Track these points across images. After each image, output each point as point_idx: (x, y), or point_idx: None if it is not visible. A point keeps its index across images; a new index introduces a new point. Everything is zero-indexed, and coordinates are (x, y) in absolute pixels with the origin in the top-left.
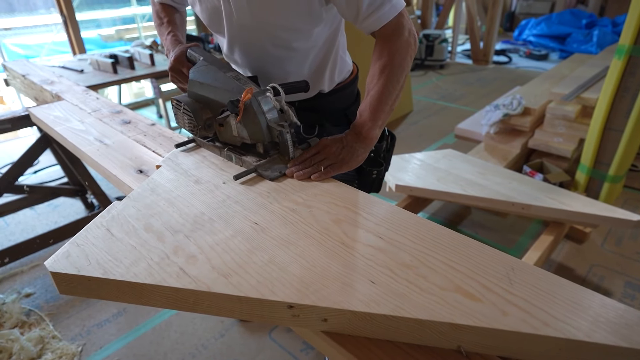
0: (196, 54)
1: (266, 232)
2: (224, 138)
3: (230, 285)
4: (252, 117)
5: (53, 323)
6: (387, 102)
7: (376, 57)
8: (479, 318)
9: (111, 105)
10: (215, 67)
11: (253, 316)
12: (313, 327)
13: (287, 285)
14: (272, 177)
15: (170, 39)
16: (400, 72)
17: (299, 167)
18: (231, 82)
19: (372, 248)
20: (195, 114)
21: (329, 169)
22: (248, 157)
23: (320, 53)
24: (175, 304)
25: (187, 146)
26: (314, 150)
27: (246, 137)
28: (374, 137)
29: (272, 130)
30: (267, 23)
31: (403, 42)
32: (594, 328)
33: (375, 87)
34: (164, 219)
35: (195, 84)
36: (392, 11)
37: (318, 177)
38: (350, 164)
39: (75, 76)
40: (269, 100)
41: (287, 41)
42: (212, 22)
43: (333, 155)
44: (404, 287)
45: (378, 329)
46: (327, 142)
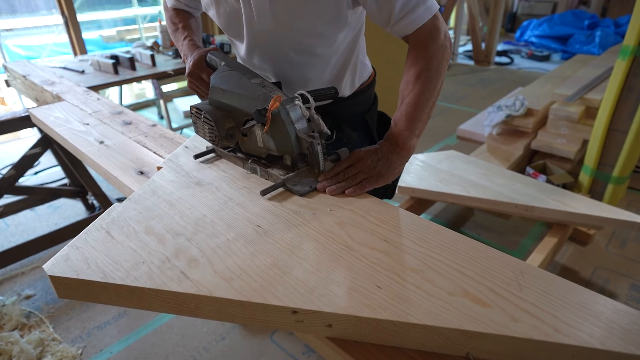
0: (217, 59)
1: (269, 235)
2: (247, 149)
3: (232, 290)
4: (280, 128)
5: (53, 325)
6: (424, 109)
7: (411, 62)
8: (489, 324)
9: (112, 106)
10: (238, 72)
11: (256, 321)
12: (317, 332)
13: (291, 290)
14: (302, 192)
15: (187, 43)
16: (437, 78)
17: (331, 181)
18: (257, 89)
19: (377, 251)
20: (217, 123)
21: (364, 183)
22: (274, 170)
23: (341, 58)
24: (176, 308)
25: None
26: (346, 162)
27: (273, 149)
28: (411, 147)
29: (301, 141)
30: (290, 28)
31: (439, 45)
32: (607, 335)
33: (410, 94)
34: (164, 221)
35: (217, 91)
36: (427, 13)
37: (353, 192)
38: (387, 177)
39: (76, 77)
40: (297, 109)
41: (310, 47)
42: (229, 27)
43: (368, 168)
44: (411, 292)
45: (384, 335)
46: (361, 154)
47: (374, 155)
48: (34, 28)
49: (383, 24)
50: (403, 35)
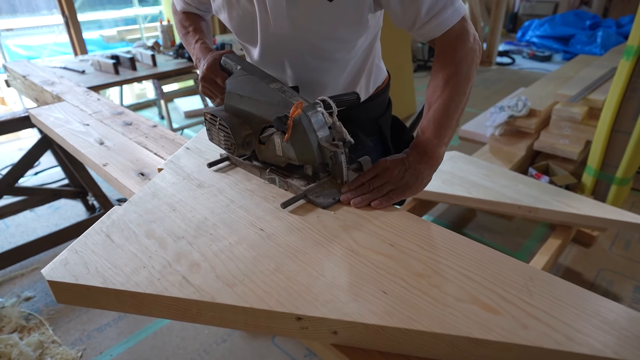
0: (232, 62)
1: (272, 239)
2: (265, 157)
3: (235, 296)
4: (302, 136)
5: (53, 327)
6: (453, 116)
7: (439, 66)
8: (499, 332)
9: (112, 107)
10: (256, 77)
11: (259, 328)
12: (322, 339)
13: (295, 296)
14: (325, 204)
15: (200, 46)
16: (467, 83)
17: (355, 192)
18: (276, 94)
19: (382, 256)
20: (233, 131)
21: (391, 195)
22: (294, 180)
23: (358, 62)
24: (178, 314)
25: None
26: (371, 173)
27: (293, 158)
28: (440, 156)
29: (324, 150)
30: (308, 32)
31: (468, 49)
32: (621, 344)
33: (439, 100)
34: (166, 224)
35: (233, 96)
36: (455, 16)
37: (379, 204)
38: (415, 188)
39: (76, 77)
40: (319, 116)
41: (328, 52)
42: (242, 31)
43: (395, 179)
44: (418, 298)
45: (390, 343)
46: (387, 163)
47: (400, 165)
48: (34, 28)
49: (408, 26)
50: (429, 39)
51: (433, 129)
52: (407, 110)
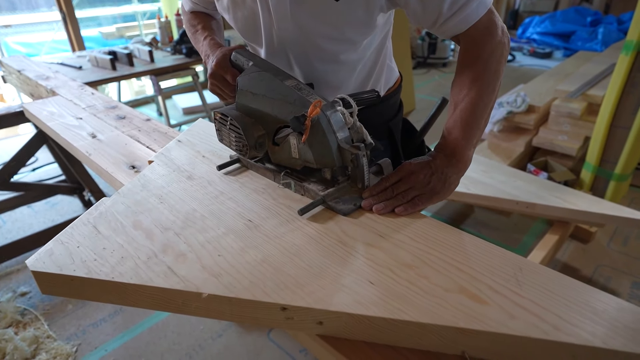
0: (244, 58)
1: (260, 230)
2: (279, 159)
3: (220, 286)
4: (320, 137)
5: (48, 322)
6: (482, 115)
7: (465, 63)
8: (486, 322)
9: (106, 101)
10: (269, 74)
11: (245, 318)
12: (308, 330)
13: (281, 286)
14: (346, 211)
15: (208, 42)
16: (496, 80)
17: (377, 198)
18: (292, 92)
19: (372, 247)
20: (245, 131)
21: (417, 201)
22: (311, 185)
23: (367, 63)
24: (163, 305)
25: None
26: (395, 177)
27: (310, 161)
28: (468, 159)
29: (344, 152)
30: (313, 34)
31: (497, 43)
32: (610, 334)
33: (466, 99)
34: (153, 215)
35: (246, 94)
36: (481, 8)
37: (404, 210)
38: (442, 194)
39: (73, 73)
40: (339, 116)
41: (333, 54)
42: (247, 32)
43: (420, 184)
44: (405, 289)
45: (377, 333)
46: (412, 167)
47: (426, 168)
48: (34, 25)
49: (428, 24)
50: (453, 35)
51: (461, 129)
52: (406, 107)
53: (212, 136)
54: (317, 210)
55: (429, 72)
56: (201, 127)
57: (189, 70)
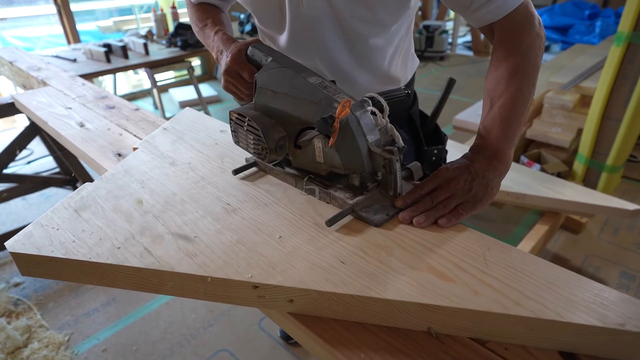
0: (261, 53)
1: (237, 213)
2: (300, 163)
3: (194, 266)
4: (349, 140)
5: (41, 312)
6: (522, 111)
7: (502, 55)
8: (449, 298)
9: (97, 91)
10: (291, 70)
11: (218, 297)
12: (280, 308)
13: (254, 266)
14: (378, 222)
15: (221, 37)
16: (535, 73)
17: (416, 208)
18: (317, 91)
19: (345, 228)
20: (265, 133)
21: (460, 211)
22: (338, 192)
23: (396, 49)
24: (139, 285)
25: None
26: (431, 184)
27: (337, 166)
28: (509, 160)
29: (375, 157)
30: (345, 14)
31: (535, 34)
32: (567, 307)
33: (505, 95)
34: (134, 200)
35: (266, 93)
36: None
37: (447, 222)
38: (485, 200)
39: (68, 65)
40: (369, 117)
41: (363, 37)
42: (265, 14)
43: (462, 191)
44: (374, 267)
45: (346, 310)
46: (450, 173)
47: (466, 173)
48: (30, 18)
49: (462, 7)
50: (486, 23)
51: (501, 127)
52: None
53: (198, 125)
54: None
55: (427, 65)
56: (187, 116)
57: (184, 63)
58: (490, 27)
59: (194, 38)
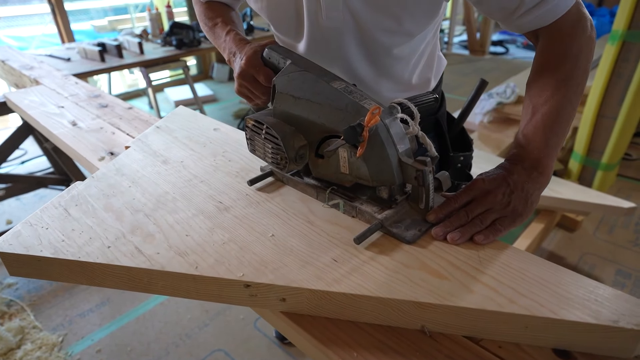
0: (279, 55)
1: (230, 211)
2: (322, 174)
3: (186, 264)
4: (379, 150)
5: (34, 313)
6: (568, 121)
7: (549, 60)
8: (443, 296)
9: (90, 90)
10: (312, 74)
11: (210, 296)
12: (272, 307)
13: (246, 264)
14: (410, 239)
15: (233, 38)
16: (584, 80)
17: (450, 223)
18: (342, 96)
19: (339, 226)
20: (285, 142)
21: (499, 227)
22: (364, 206)
23: (422, 56)
24: (129, 284)
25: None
26: (465, 196)
27: (365, 177)
28: (551, 171)
29: (406, 168)
30: (368, 25)
31: (587, 38)
32: (561, 304)
33: (551, 102)
34: (125, 198)
35: (285, 98)
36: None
37: (485, 238)
38: (525, 215)
39: (62, 64)
40: (398, 125)
41: (386, 48)
42: (283, 23)
43: (500, 205)
44: (367, 265)
45: (338, 309)
46: (487, 184)
47: (504, 185)
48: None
49: (503, 15)
50: (533, 29)
51: (543, 137)
52: None
53: (192, 123)
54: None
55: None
56: (181, 114)
57: (180, 62)
58: (535, 31)
59: (189, 37)
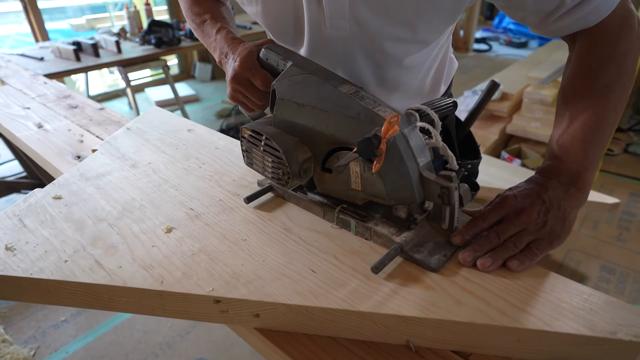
0: (278, 56)
1: (201, 219)
2: (330, 190)
3: (150, 279)
4: (397, 165)
5: (4, 326)
6: (610, 130)
7: (592, 64)
8: (430, 309)
9: (59, 90)
10: (318, 77)
11: (177, 313)
12: (245, 323)
13: (216, 277)
14: (435, 266)
15: (225, 36)
16: (630, 83)
17: (478, 246)
18: (352, 103)
19: (318, 233)
20: (288, 155)
21: (535, 250)
22: (380, 226)
23: (433, 63)
24: (88, 302)
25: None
26: (494, 215)
27: (380, 195)
28: (589, 187)
29: (428, 185)
30: (376, 35)
31: (634, 37)
32: (554, 315)
33: (591, 109)
34: (88, 206)
35: (287, 106)
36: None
37: (520, 265)
38: (563, 238)
39: (34, 64)
40: (417, 134)
41: (397, 59)
42: (282, 29)
43: (534, 225)
44: (348, 276)
45: (317, 325)
46: (519, 202)
47: (538, 203)
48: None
49: (539, 18)
50: (571, 32)
51: (582, 148)
52: None
53: (165, 124)
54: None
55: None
56: (153, 115)
57: (159, 61)
58: (574, 32)
59: (169, 35)
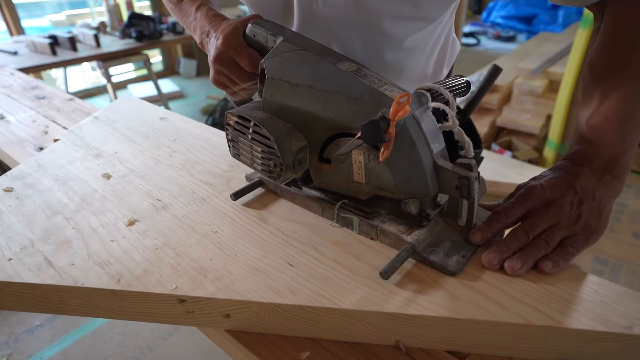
0: (266, 32)
1: (168, 210)
2: (327, 183)
3: (105, 277)
4: (408, 152)
5: None
6: None
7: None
8: (422, 305)
9: (27, 81)
10: (312, 53)
11: (138, 315)
12: (214, 325)
13: (181, 274)
14: (454, 269)
15: (205, 14)
16: None
17: (504, 248)
18: (354, 81)
19: (297, 223)
20: (279, 143)
21: (569, 248)
22: (387, 224)
23: (436, 43)
24: (36, 305)
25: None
26: (520, 208)
27: (388, 188)
28: (627, 174)
29: (444, 175)
30: (375, 13)
31: None
32: (562, 309)
33: (628, 85)
34: (43, 199)
35: (279, 86)
36: None
37: (554, 267)
38: (600, 232)
39: (7, 58)
40: (430, 117)
41: (397, 39)
42: (265, 8)
43: (567, 220)
44: (330, 270)
45: (295, 325)
46: (547, 192)
47: (570, 193)
48: None
49: None
50: None
51: (619, 129)
52: None
53: (136, 112)
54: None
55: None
56: (125, 104)
57: (141, 55)
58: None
59: (149, 29)
